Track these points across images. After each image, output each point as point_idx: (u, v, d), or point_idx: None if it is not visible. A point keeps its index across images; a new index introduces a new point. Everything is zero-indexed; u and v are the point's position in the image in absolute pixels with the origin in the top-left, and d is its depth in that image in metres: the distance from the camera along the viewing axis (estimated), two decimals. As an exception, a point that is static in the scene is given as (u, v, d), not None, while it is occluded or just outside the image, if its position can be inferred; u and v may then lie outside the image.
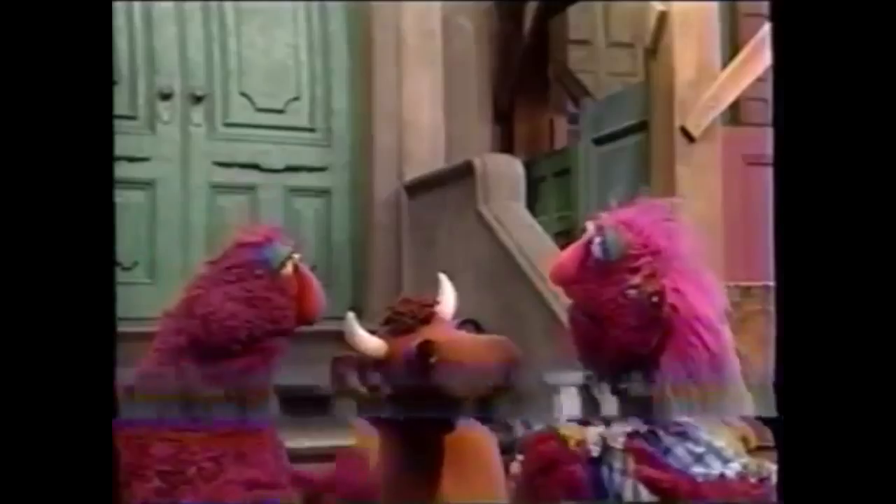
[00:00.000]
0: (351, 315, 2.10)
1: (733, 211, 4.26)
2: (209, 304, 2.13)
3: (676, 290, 1.86)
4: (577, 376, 2.01)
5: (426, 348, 1.98)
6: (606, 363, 1.95)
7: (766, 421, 1.98)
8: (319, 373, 3.20)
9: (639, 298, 1.88)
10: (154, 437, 2.06)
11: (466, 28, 5.65)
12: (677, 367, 1.84)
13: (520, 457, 2.03)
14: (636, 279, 1.88)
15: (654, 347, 1.86)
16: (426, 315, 2.11)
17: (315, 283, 2.24)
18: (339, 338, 2.14)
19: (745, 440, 3.62)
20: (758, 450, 3.45)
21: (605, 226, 1.95)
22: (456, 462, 2.18)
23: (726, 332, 1.95)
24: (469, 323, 2.75)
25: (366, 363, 2.06)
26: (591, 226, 1.97)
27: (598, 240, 1.93)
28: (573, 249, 1.99)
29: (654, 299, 1.86)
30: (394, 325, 2.12)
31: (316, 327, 3.78)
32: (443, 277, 2.22)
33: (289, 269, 2.18)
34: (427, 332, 2.04)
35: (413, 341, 2.01)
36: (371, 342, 2.09)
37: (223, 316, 2.11)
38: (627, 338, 1.88)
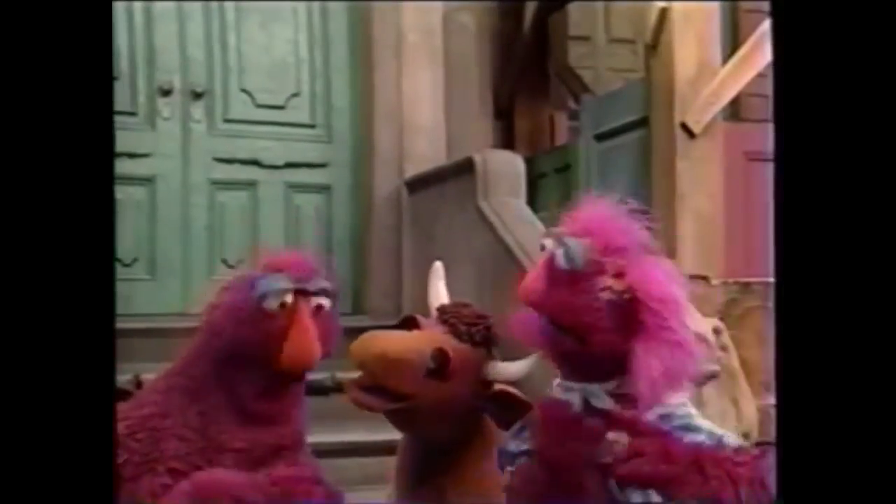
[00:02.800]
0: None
1: (734, 207, 4.25)
2: (209, 310, 2.12)
3: (642, 282, 1.87)
4: (573, 392, 2.01)
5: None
6: (589, 374, 1.96)
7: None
8: (321, 367, 3.19)
9: (613, 298, 1.88)
10: (169, 431, 2.06)
11: (467, 25, 5.65)
12: (653, 356, 1.84)
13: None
14: (606, 281, 1.89)
15: (633, 342, 1.87)
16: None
17: (310, 337, 2.06)
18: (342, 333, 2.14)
19: (746, 436, 3.62)
20: (759, 445, 3.46)
21: (563, 236, 1.95)
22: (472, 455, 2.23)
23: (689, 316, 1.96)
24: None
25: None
26: (548, 241, 1.97)
27: (560, 251, 1.93)
28: (537, 267, 1.99)
29: (627, 296, 1.87)
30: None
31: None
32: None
33: (273, 305, 2.04)
34: None
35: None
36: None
37: (211, 325, 2.10)
38: (607, 342, 1.89)
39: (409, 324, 2.26)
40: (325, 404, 3.17)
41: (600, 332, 1.89)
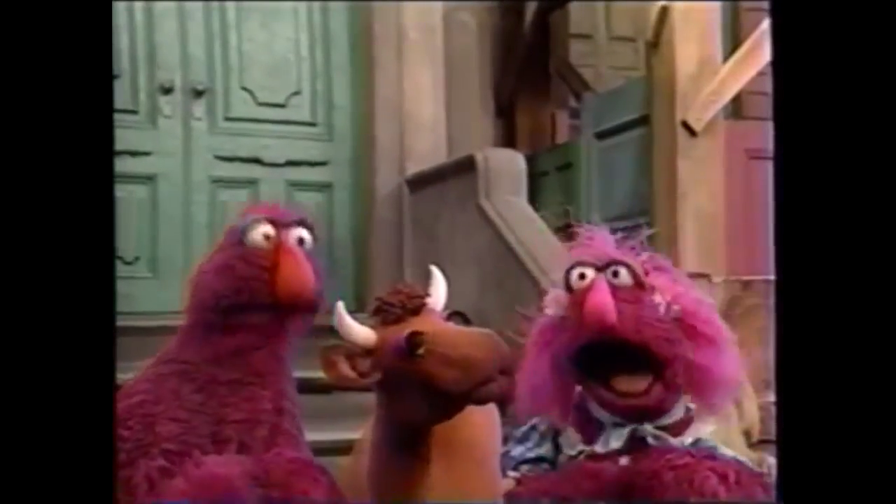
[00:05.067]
0: (340, 304, 2.07)
1: (735, 205, 4.25)
2: (194, 275, 2.14)
3: (680, 297, 1.91)
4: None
5: (414, 339, 1.97)
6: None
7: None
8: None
9: (667, 312, 1.94)
10: (163, 415, 2.05)
11: (468, 23, 5.64)
12: (703, 365, 1.87)
13: None
14: (656, 297, 1.92)
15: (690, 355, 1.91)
16: (416, 306, 2.10)
17: (298, 261, 2.12)
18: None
19: (747, 434, 3.62)
20: (760, 443, 3.46)
21: (617, 258, 1.99)
22: (446, 448, 2.19)
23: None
24: (457, 315, 2.75)
25: (355, 352, 2.04)
26: (589, 271, 1.98)
27: (622, 270, 1.95)
28: (599, 291, 1.98)
29: (675, 307, 1.91)
30: (383, 315, 2.09)
31: (319, 321, 3.79)
32: (434, 269, 2.22)
33: (256, 238, 2.10)
34: (416, 323, 2.03)
35: (402, 332, 2.00)
36: (361, 331, 2.07)
37: (198, 285, 2.12)
38: (670, 352, 1.92)
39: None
40: (325, 402, 3.17)
41: (661, 345, 1.92)
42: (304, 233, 2.17)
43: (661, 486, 1.81)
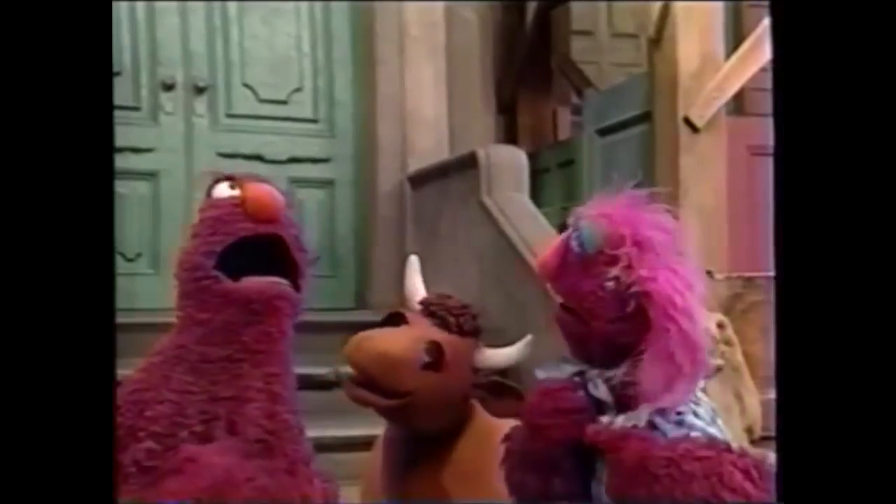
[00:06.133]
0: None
1: (737, 201, 4.25)
2: (178, 260, 2.16)
3: (652, 279, 1.86)
4: (569, 369, 1.99)
5: None
6: (595, 356, 1.95)
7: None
8: (323, 362, 3.19)
9: (617, 290, 1.87)
10: (154, 399, 2.05)
11: (469, 19, 5.64)
12: (657, 356, 1.83)
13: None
14: (614, 271, 1.88)
15: (637, 338, 1.86)
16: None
17: (262, 185, 2.20)
18: (344, 328, 2.14)
19: (749, 430, 3.62)
20: (762, 440, 3.46)
21: (580, 219, 1.94)
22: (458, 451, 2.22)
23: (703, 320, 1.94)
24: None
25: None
26: (572, 220, 1.96)
27: (574, 233, 1.93)
28: (556, 243, 1.98)
29: (632, 290, 1.86)
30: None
31: (321, 318, 3.79)
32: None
33: (221, 190, 2.18)
34: None
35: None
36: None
37: (180, 259, 2.13)
38: (609, 330, 1.88)
39: (395, 319, 2.26)
40: (327, 399, 3.17)
41: (600, 319, 1.88)
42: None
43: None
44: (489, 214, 4.40)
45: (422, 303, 2.28)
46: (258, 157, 5.13)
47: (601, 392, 1.93)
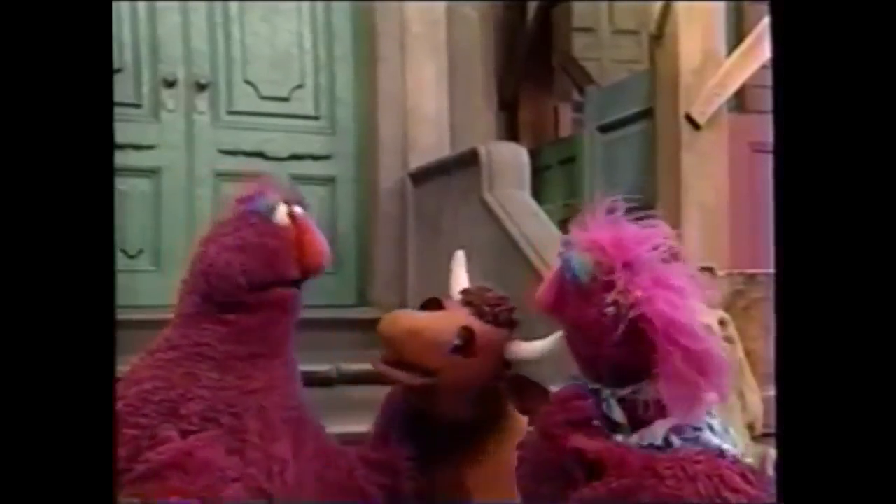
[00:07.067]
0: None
1: (739, 198, 4.25)
2: (208, 257, 2.19)
3: (648, 301, 1.85)
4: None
5: None
6: (604, 377, 1.95)
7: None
8: (324, 358, 3.20)
9: (618, 314, 1.86)
10: (184, 396, 2.11)
11: (471, 16, 5.64)
12: (670, 376, 1.82)
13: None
14: (611, 296, 1.87)
15: (645, 358, 1.85)
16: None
17: (316, 231, 2.33)
18: (346, 324, 2.18)
19: (751, 427, 3.62)
20: (764, 436, 3.46)
21: (569, 250, 1.94)
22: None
23: (708, 329, 1.93)
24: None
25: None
26: (562, 250, 1.97)
27: (564, 265, 1.93)
28: (551, 276, 2.00)
29: (633, 313, 1.85)
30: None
31: (322, 314, 3.79)
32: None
33: (280, 215, 2.25)
34: None
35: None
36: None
37: (220, 265, 2.17)
38: (617, 354, 1.88)
39: (433, 305, 2.31)
40: (328, 395, 3.18)
41: (607, 345, 1.88)
42: (299, 207, 2.36)
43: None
44: (490, 211, 4.39)
45: (462, 292, 2.32)
46: (259, 154, 5.13)
47: (616, 414, 1.93)
